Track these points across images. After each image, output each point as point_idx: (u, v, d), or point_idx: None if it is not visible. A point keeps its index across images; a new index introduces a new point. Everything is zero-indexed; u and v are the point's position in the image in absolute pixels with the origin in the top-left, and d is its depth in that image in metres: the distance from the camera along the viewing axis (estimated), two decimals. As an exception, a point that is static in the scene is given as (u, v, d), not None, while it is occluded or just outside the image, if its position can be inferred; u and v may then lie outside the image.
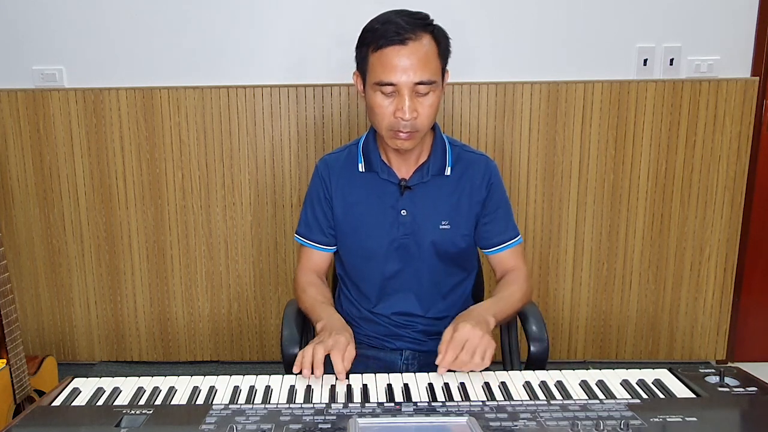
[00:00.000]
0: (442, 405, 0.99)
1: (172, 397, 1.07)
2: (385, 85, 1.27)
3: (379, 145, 1.44)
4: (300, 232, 1.52)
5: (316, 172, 1.49)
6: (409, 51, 1.25)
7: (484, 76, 2.34)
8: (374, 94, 1.31)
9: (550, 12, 2.30)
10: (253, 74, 2.36)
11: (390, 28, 1.26)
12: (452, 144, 1.47)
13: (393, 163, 1.43)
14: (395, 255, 1.44)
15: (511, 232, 1.49)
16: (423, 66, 1.26)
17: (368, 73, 1.31)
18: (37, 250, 2.51)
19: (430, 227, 1.42)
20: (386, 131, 1.33)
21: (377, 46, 1.27)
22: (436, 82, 1.29)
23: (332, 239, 1.49)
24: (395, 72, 1.26)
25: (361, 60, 1.34)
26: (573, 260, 2.48)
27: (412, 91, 1.27)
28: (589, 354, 2.58)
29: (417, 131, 1.31)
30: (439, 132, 1.46)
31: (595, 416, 0.95)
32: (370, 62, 1.30)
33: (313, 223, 1.49)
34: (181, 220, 2.47)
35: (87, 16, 2.33)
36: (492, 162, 1.48)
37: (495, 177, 1.46)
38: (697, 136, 2.36)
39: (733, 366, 1.14)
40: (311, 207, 1.49)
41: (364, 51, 1.32)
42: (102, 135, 2.40)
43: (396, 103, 1.28)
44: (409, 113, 1.27)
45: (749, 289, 2.54)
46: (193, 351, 2.60)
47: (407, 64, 1.25)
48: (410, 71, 1.26)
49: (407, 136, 1.31)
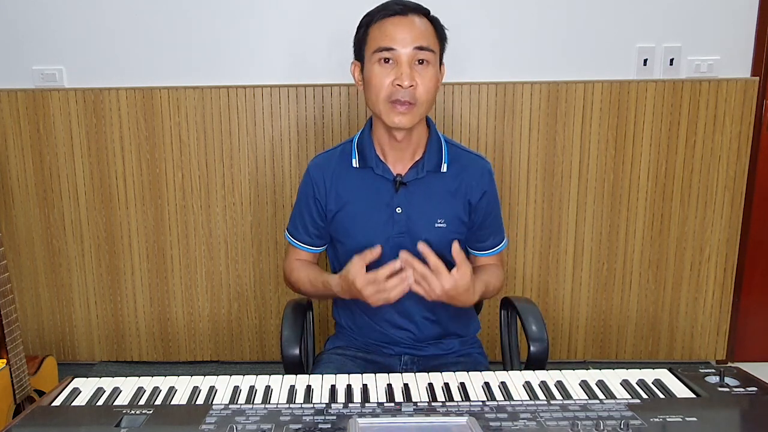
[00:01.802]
0: (442, 405, 0.99)
1: (172, 397, 1.07)
2: (384, 50, 1.29)
3: (375, 139, 1.43)
4: (289, 230, 1.54)
5: (307, 173, 1.49)
6: (409, 21, 1.30)
7: (484, 76, 2.34)
8: (373, 66, 1.32)
9: (550, 12, 2.30)
10: (253, 74, 2.36)
11: (390, 5, 1.32)
12: (448, 142, 1.47)
13: (388, 158, 1.42)
14: (390, 254, 1.40)
15: (499, 237, 1.52)
16: (421, 35, 1.30)
17: (367, 46, 1.33)
18: (37, 250, 2.51)
19: (426, 225, 1.41)
20: (384, 104, 1.32)
21: (377, 18, 1.32)
22: (435, 53, 1.32)
23: (317, 240, 1.50)
24: (395, 37, 1.29)
25: (359, 41, 1.37)
26: (573, 260, 2.48)
27: (412, 60, 1.29)
28: (589, 354, 2.58)
29: (415, 104, 1.31)
30: (435, 129, 1.45)
31: (595, 416, 0.95)
32: (370, 35, 1.33)
33: (299, 224, 1.50)
34: (181, 220, 2.47)
35: (87, 16, 2.33)
36: (488, 164, 1.48)
37: (490, 182, 1.47)
38: (697, 136, 2.36)
39: (733, 366, 1.14)
40: (299, 208, 1.50)
41: (363, 30, 1.35)
42: (102, 135, 2.40)
43: (395, 72, 1.30)
44: (408, 80, 1.28)
45: (749, 289, 2.54)
46: (193, 351, 2.60)
47: (406, 32, 1.29)
48: (408, 38, 1.29)
49: (406, 108, 1.30)
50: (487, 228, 1.48)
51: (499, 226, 1.52)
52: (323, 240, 1.51)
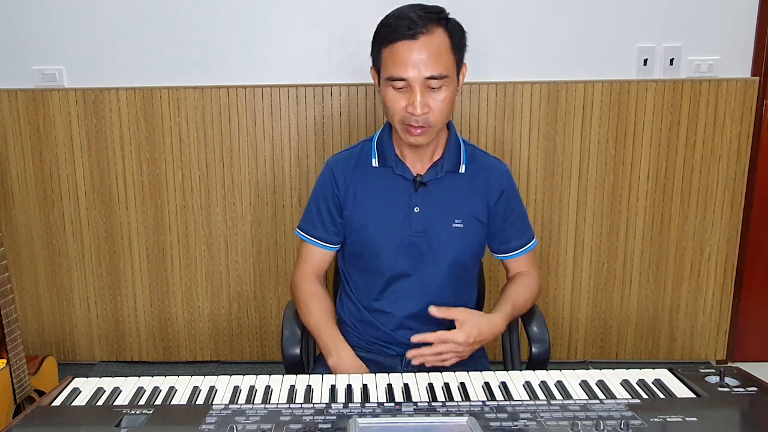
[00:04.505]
0: (442, 405, 0.99)
1: (172, 397, 1.07)
2: (395, 80, 1.27)
3: (394, 140, 1.43)
4: (302, 227, 1.51)
5: (327, 168, 1.48)
6: (420, 46, 1.25)
7: (484, 76, 2.34)
8: (387, 89, 1.31)
9: (550, 12, 2.30)
10: (253, 74, 2.36)
11: (402, 23, 1.26)
12: (466, 144, 1.47)
13: (407, 158, 1.42)
14: (405, 254, 1.42)
15: (527, 237, 1.50)
16: (434, 61, 1.25)
17: (381, 68, 1.32)
18: (37, 250, 2.51)
19: (443, 226, 1.41)
20: (399, 125, 1.33)
21: (389, 41, 1.28)
22: (449, 77, 1.28)
23: (334, 237, 1.48)
24: (406, 67, 1.26)
25: (375, 55, 1.35)
26: (573, 260, 2.48)
27: (424, 86, 1.27)
28: (589, 354, 2.58)
29: (430, 127, 1.31)
30: (454, 130, 1.46)
31: (595, 416, 0.95)
32: (383, 57, 1.30)
33: (316, 220, 1.48)
34: (181, 220, 2.47)
35: (87, 16, 2.33)
36: (505, 166, 1.49)
37: (509, 183, 1.47)
38: (697, 136, 2.36)
39: (733, 366, 1.14)
40: (316, 203, 1.48)
41: (378, 46, 1.32)
42: (102, 135, 2.40)
43: (407, 98, 1.28)
44: (420, 109, 1.27)
45: (749, 289, 2.54)
46: (193, 351, 2.60)
47: (418, 59, 1.25)
48: (421, 66, 1.25)
49: (420, 132, 1.31)
50: (510, 228, 1.47)
51: (525, 226, 1.50)
52: (339, 237, 1.49)
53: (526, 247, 1.50)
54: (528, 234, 1.51)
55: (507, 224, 1.47)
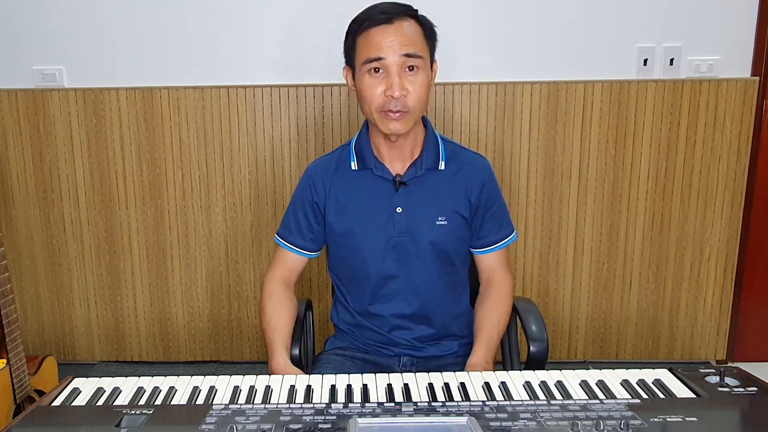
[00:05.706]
0: (442, 405, 0.99)
1: (172, 397, 1.07)
2: (372, 61, 1.28)
3: (372, 141, 1.42)
4: (279, 233, 1.52)
5: (306, 176, 1.48)
6: (395, 29, 1.28)
7: (484, 76, 2.34)
8: (363, 77, 1.31)
9: (550, 12, 2.30)
10: (253, 74, 2.36)
11: (374, 12, 1.30)
12: (444, 140, 1.47)
13: (386, 159, 1.42)
14: (392, 254, 1.41)
15: (504, 232, 1.48)
16: (409, 41, 1.29)
17: (356, 57, 1.32)
18: (37, 250, 2.51)
19: (427, 224, 1.40)
20: (377, 113, 1.32)
21: (363, 29, 1.30)
22: (423, 59, 1.30)
23: (311, 244, 1.48)
24: (382, 48, 1.28)
25: (348, 50, 1.36)
26: (573, 260, 2.48)
27: (401, 68, 1.28)
28: (589, 354, 2.58)
29: (408, 112, 1.31)
30: (431, 127, 1.45)
31: (595, 416, 0.95)
32: (358, 45, 1.32)
33: (293, 226, 1.48)
34: (181, 220, 2.47)
35: (87, 16, 2.33)
36: (486, 161, 1.48)
37: (489, 176, 1.46)
38: (697, 136, 2.36)
39: (733, 366, 1.13)
40: (293, 210, 1.49)
41: (351, 39, 1.34)
42: (102, 135, 2.40)
43: (385, 82, 1.29)
44: (398, 90, 1.28)
45: (749, 289, 2.54)
46: (193, 351, 2.60)
47: (393, 42, 1.28)
48: (396, 45, 1.28)
49: (398, 116, 1.31)
50: (488, 222, 1.46)
51: (503, 221, 1.48)
52: (317, 245, 1.49)
53: (504, 242, 1.48)
54: (506, 230, 1.48)
55: (486, 218, 1.45)
